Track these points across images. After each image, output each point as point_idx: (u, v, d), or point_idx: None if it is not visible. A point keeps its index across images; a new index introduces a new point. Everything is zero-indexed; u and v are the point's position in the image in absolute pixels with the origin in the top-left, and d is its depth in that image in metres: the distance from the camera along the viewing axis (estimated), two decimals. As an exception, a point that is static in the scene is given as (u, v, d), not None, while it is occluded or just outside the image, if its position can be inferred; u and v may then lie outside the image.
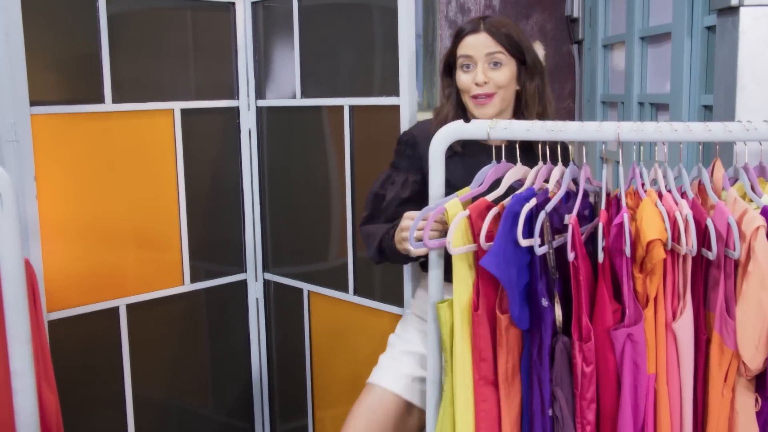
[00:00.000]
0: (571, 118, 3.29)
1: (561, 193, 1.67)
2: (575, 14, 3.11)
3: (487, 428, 1.67)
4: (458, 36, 1.87)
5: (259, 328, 2.63)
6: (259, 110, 2.53)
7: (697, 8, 2.27)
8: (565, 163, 1.71)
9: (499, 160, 1.71)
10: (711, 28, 2.23)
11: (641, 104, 2.57)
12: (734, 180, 1.75)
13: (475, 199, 1.69)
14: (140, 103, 2.31)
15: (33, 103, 2.07)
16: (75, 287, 2.21)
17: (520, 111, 1.91)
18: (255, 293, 2.61)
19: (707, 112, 2.25)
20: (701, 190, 1.72)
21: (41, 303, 1.53)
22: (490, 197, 1.69)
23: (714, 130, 1.64)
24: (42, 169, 2.10)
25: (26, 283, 1.26)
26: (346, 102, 2.25)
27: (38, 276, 2.07)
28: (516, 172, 1.73)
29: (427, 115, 2.03)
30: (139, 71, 2.32)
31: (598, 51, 2.92)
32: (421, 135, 1.90)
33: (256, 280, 2.61)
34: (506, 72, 1.84)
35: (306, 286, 2.46)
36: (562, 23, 3.21)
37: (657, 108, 2.51)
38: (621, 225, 1.55)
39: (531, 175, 1.72)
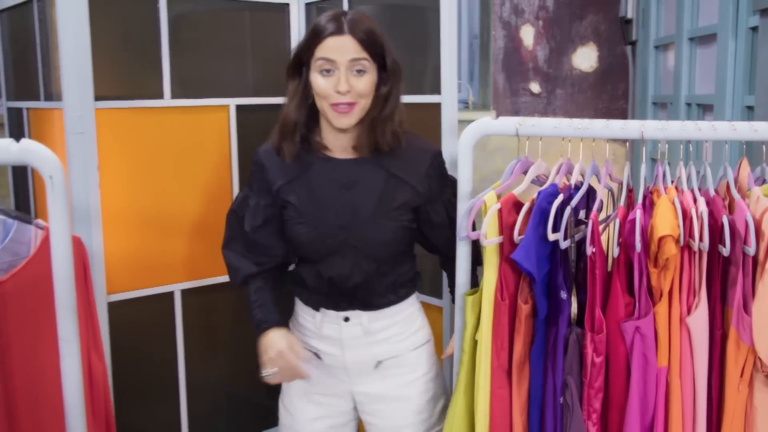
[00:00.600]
0: (624, 118, 3.31)
1: (584, 190, 1.74)
2: (629, 15, 3.14)
3: (501, 414, 1.76)
4: (318, 35, 1.72)
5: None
6: (311, 107, 2.65)
7: (742, 9, 2.29)
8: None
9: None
10: (755, 29, 2.25)
11: (689, 105, 2.59)
12: (762, 180, 1.79)
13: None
14: (197, 99, 2.46)
15: (97, 98, 2.23)
16: (133, 271, 2.37)
17: (371, 117, 1.79)
18: (304, 283, 2.73)
19: (750, 113, 2.26)
20: (741, 187, 1.75)
21: (92, 280, 1.67)
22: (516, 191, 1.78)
23: (739, 129, 1.69)
24: (104, 160, 2.26)
25: (76, 257, 1.40)
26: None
27: (98, 260, 2.24)
28: (538, 167, 1.81)
29: (479, 114, 2.07)
30: (197, 68, 2.46)
31: (650, 52, 2.94)
32: (268, 157, 1.87)
33: (305, 271, 2.73)
34: (369, 79, 1.74)
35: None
36: (616, 24, 3.24)
37: (704, 109, 2.53)
38: (634, 221, 1.61)
39: (553, 171, 1.79)
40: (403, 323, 1.92)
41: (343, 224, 1.81)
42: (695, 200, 1.65)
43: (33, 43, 2.47)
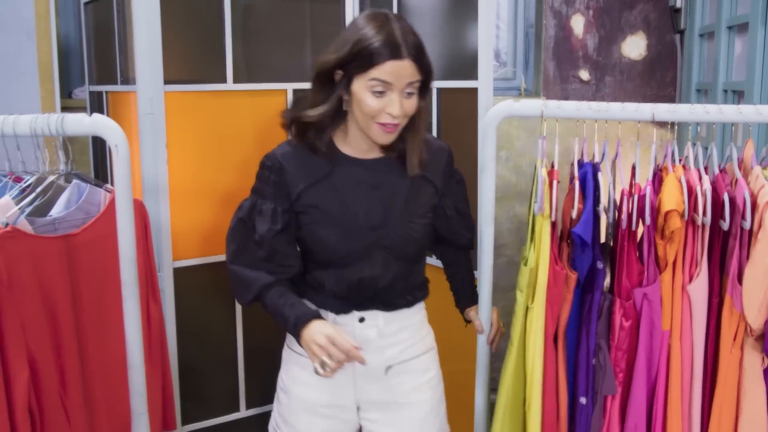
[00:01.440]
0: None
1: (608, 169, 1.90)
2: (678, 4, 3.23)
3: (551, 376, 1.90)
4: (374, 58, 1.67)
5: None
6: (363, 92, 2.85)
7: (772, -2, 2.38)
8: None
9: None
10: (785, 18, 2.35)
11: (725, 91, 2.69)
12: (769, 160, 1.91)
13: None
14: (257, 83, 2.69)
15: (167, 82, 2.47)
16: (196, 240, 2.61)
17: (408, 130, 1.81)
18: (354, 257, 2.94)
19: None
20: (745, 167, 1.88)
21: (158, 246, 1.92)
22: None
23: (745, 112, 1.82)
24: (172, 139, 2.51)
25: (137, 217, 1.64)
26: (434, 84, 2.53)
27: (165, 229, 2.49)
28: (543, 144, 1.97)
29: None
30: (258, 55, 2.69)
31: (695, 40, 3.04)
32: (287, 160, 1.83)
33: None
34: (416, 100, 1.76)
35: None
36: (666, 13, 3.34)
37: (738, 95, 2.63)
38: (644, 196, 1.77)
39: (577, 151, 1.93)
40: (414, 327, 1.94)
41: (375, 225, 1.81)
42: (701, 178, 1.79)
43: (112, 33, 2.73)
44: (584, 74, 3.42)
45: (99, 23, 2.86)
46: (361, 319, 1.87)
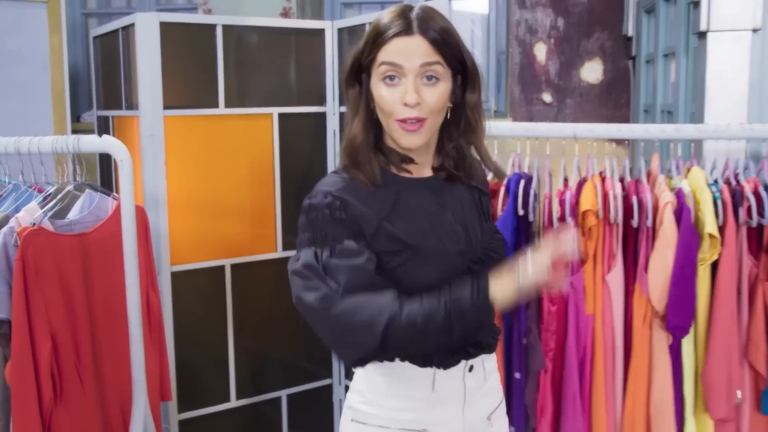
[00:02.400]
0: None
1: (533, 179, 2.25)
2: (630, 33, 3.60)
3: None
4: (381, 35, 1.43)
5: (338, 292, 3.30)
6: (342, 115, 3.21)
7: (691, 31, 2.74)
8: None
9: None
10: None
11: (662, 112, 3.05)
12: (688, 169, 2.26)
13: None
14: (246, 108, 3.04)
15: (166, 107, 2.83)
16: (192, 247, 2.96)
17: (447, 133, 1.54)
18: (335, 263, 3.29)
19: (692, 118, 2.72)
20: (652, 176, 2.24)
21: (156, 250, 2.27)
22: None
23: (650, 130, 2.17)
24: (170, 157, 2.86)
25: (139, 220, 1.99)
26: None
27: (164, 236, 2.83)
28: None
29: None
30: (247, 83, 3.05)
31: (642, 66, 3.40)
32: (346, 193, 1.47)
33: (337, 253, 3.28)
34: (442, 90, 1.44)
35: (372, 257, 3.11)
36: (620, 41, 3.70)
37: (670, 115, 2.99)
38: (563, 200, 2.12)
39: (509, 164, 2.30)
40: (496, 365, 1.65)
41: (461, 249, 1.52)
42: (614, 185, 2.14)
43: (118, 64, 3.09)
44: (547, 97, 3.78)
45: (106, 55, 3.22)
46: (471, 368, 1.55)
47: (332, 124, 3.22)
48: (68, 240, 1.90)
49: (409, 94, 1.39)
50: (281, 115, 3.12)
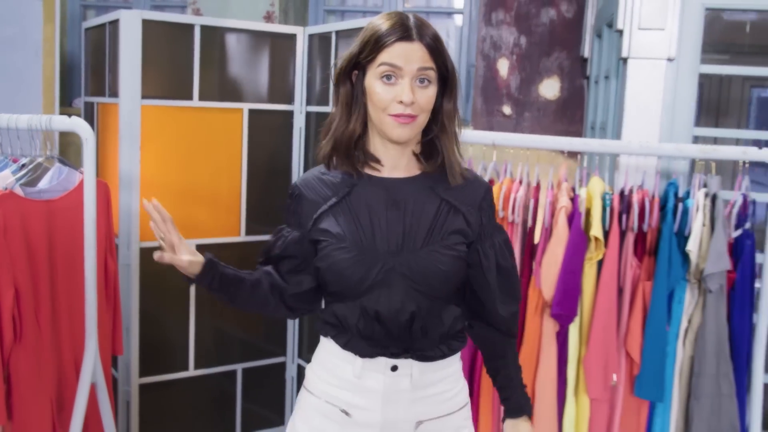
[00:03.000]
0: (582, 140, 4.07)
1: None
2: (586, 54, 3.91)
3: None
4: (383, 38, 1.59)
5: (295, 276, 3.63)
6: (308, 114, 3.54)
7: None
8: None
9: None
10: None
11: (601, 128, 3.37)
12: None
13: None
14: (219, 102, 3.37)
15: (144, 97, 3.16)
16: (160, 226, 3.29)
17: (430, 133, 1.69)
18: (295, 250, 3.61)
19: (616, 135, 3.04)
20: (560, 183, 2.55)
21: (114, 219, 2.59)
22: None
23: (561, 143, 2.49)
24: (146, 142, 3.19)
25: (100, 192, 2.32)
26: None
27: (135, 214, 3.16)
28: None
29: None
30: (221, 79, 3.38)
31: (593, 85, 3.72)
32: (305, 186, 1.73)
33: (296, 241, 3.61)
34: (432, 92, 1.62)
35: (326, 246, 3.43)
36: (577, 61, 4.01)
37: (603, 131, 3.31)
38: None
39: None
40: (450, 380, 1.74)
41: (392, 249, 1.64)
42: (518, 190, 2.46)
43: (104, 55, 3.43)
44: (507, 109, 4.10)
45: (95, 46, 3.56)
46: (394, 368, 1.67)
47: (299, 122, 3.54)
48: (36, 205, 2.23)
49: (405, 94, 1.56)
50: (251, 111, 3.45)
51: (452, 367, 1.73)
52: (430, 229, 1.65)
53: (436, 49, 1.59)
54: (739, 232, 2.46)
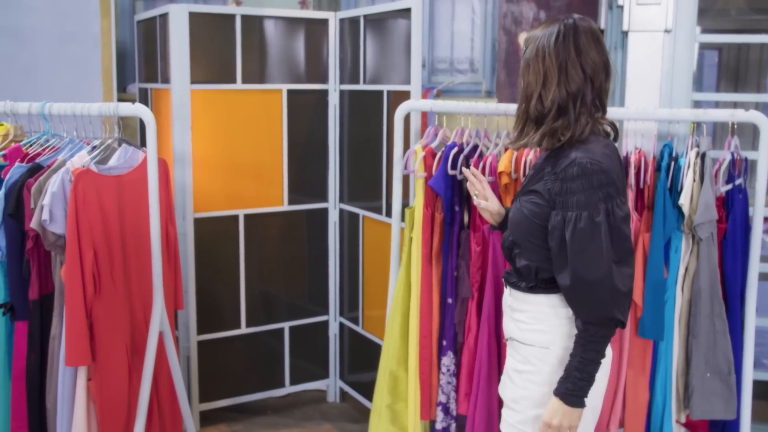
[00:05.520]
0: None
1: (470, 146, 2.92)
2: (603, 26, 4.19)
3: (426, 282, 2.93)
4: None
5: (335, 242, 4.01)
6: (342, 92, 3.90)
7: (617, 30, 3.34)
8: None
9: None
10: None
11: (611, 96, 3.67)
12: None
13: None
14: (260, 84, 3.75)
15: (193, 82, 3.56)
16: (211, 198, 3.69)
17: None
18: (333, 218, 3.99)
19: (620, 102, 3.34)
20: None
21: (174, 193, 3.01)
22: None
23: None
24: (196, 123, 3.59)
25: (161, 169, 2.73)
26: (385, 87, 3.56)
27: (189, 188, 3.56)
28: (444, 132, 3.00)
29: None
30: (261, 63, 3.76)
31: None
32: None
33: (335, 209, 3.99)
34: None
35: (361, 212, 3.80)
36: (594, 33, 4.31)
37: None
38: (485, 163, 2.78)
39: (454, 134, 2.97)
40: (531, 314, 2.03)
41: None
42: (528, 153, 2.80)
43: (155, 44, 3.83)
44: (529, 81, 4.42)
45: (146, 36, 3.96)
46: (506, 285, 2.14)
47: (333, 99, 3.91)
48: (108, 180, 2.64)
49: None
50: (290, 91, 3.82)
51: (533, 304, 2.02)
52: (525, 186, 2.05)
53: (525, 58, 2.02)
54: (728, 186, 2.76)
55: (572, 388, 1.92)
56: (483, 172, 2.79)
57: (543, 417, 1.96)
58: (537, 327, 2.02)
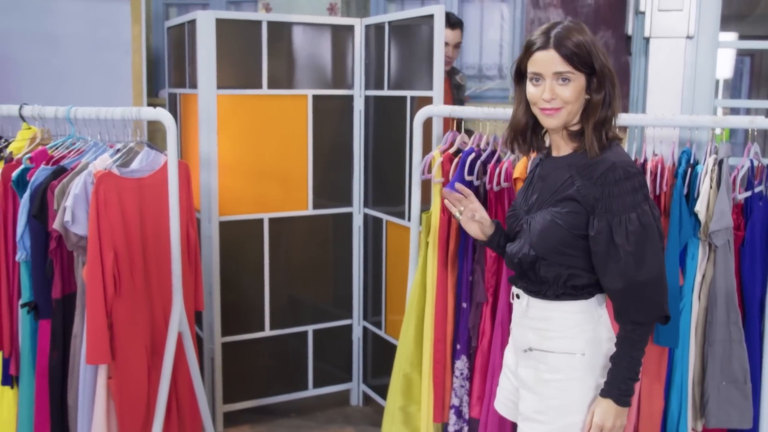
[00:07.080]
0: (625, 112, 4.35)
1: (488, 151, 2.96)
2: (630, 32, 4.20)
3: (442, 285, 2.98)
4: (528, 49, 1.98)
5: (359, 246, 4.07)
6: (367, 97, 3.96)
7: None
8: None
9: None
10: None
11: (635, 103, 3.68)
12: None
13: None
14: (285, 89, 3.82)
15: (219, 87, 3.64)
16: (237, 202, 3.77)
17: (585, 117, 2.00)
18: (357, 222, 4.05)
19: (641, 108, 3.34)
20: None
21: (195, 198, 3.09)
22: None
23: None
24: (222, 128, 3.67)
25: (182, 171, 2.81)
26: (409, 93, 3.61)
27: (214, 192, 3.65)
28: (462, 137, 3.03)
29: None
30: (286, 69, 3.83)
31: (635, 63, 4.02)
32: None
33: (359, 213, 4.04)
34: (573, 87, 1.93)
35: (385, 217, 3.85)
36: (622, 39, 4.31)
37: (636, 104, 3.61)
38: (502, 170, 2.82)
39: (472, 139, 3.01)
40: (558, 321, 2.05)
41: (526, 209, 2.11)
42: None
43: (184, 50, 3.92)
44: (556, 87, 4.43)
45: (176, 43, 4.06)
46: (517, 296, 2.15)
47: (358, 105, 3.97)
48: (129, 182, 2.73)
49: (546, 92, 1.94)
50: (315, 96, 3.89)
51: (563, 311, 2.04)
52: (550, 197, 2.03)
53: (573, 54, 1.91)
54: (747, 194, 2.76)
55: (625, 389, 1.97)
56: (498, 178, 2.82)
57: (595, 420, 1.99)
58: (566, 333, 2.04)
